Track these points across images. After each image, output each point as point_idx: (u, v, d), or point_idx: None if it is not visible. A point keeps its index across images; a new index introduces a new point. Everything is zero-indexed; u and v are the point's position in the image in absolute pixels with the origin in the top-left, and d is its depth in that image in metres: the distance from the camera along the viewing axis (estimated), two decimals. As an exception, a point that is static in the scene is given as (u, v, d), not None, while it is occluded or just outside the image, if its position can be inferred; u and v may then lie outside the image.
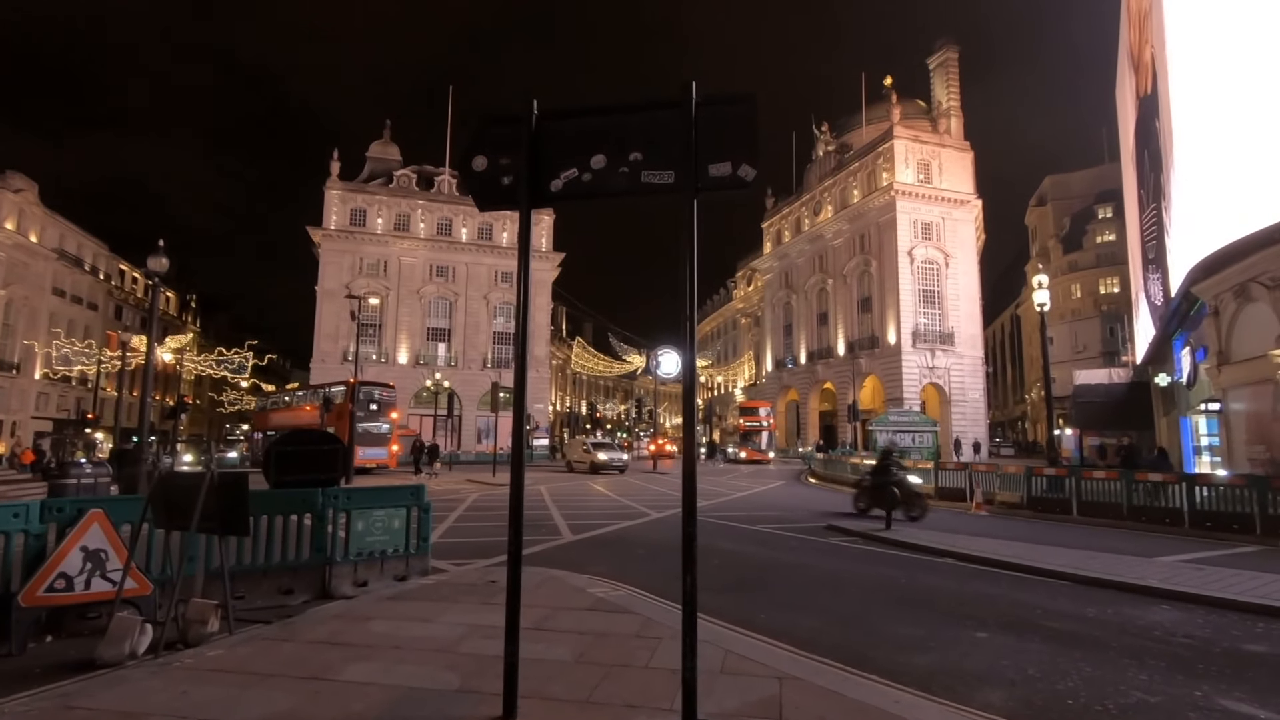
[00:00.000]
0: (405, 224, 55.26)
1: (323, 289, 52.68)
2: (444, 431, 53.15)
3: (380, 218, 54.54)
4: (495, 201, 4.07)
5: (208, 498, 5.03)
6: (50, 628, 5.45)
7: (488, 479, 25.63)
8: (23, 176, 48.69)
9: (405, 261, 54.79)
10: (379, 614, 5.79)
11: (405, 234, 54.95)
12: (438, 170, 57.74)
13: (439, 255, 55.87)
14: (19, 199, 48.21)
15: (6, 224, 47.01)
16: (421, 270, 55.30)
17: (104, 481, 16.64)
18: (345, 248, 53.34)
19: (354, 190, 54.52)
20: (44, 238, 51.10)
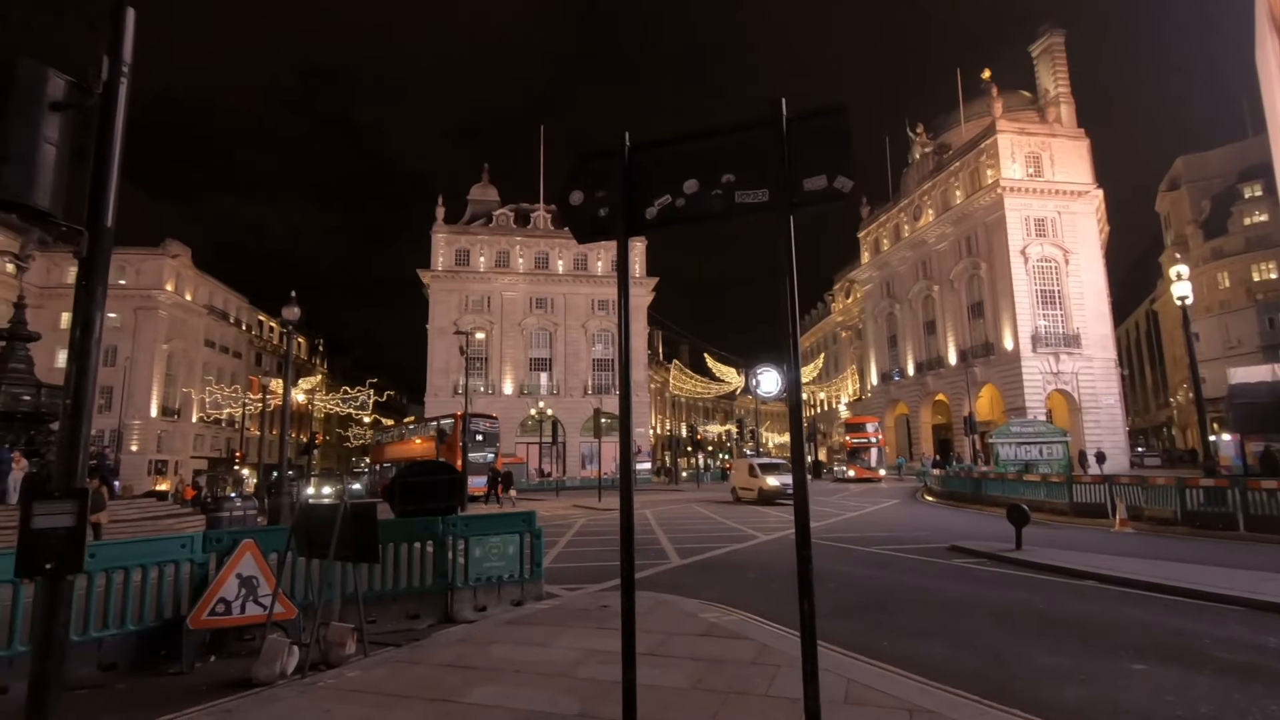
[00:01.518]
0: (505, 260, 57.81)
1: (433, 327, 55.81)
2: (549, 458, 54.67)
3: (482, 256, 57.36)
4: (593, 234, 4.19)
5: (343, 528, 5.41)
6: (213, 648, 6.00)
7: (594, 504, 26.01)
8: (179, 243, 55.03)
9: (507, 296, 57.19)
10: (499, 638, 5.97)
11: (506, 270, 57.46)
12: (533, 207, 60.16)
13: (538, 288, 57.95)
14: (176, 263, 54.46)
15: (167, 286, 53.17)
16: (522, 303, 57.52)
17: (251, 514, 18.23)
18: (452, 287, 56.39)
19: (458, 232, 57.73)
20: (197, 295, 57.36)
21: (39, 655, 3.07)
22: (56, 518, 3.01)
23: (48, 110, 3.15)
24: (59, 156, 3.19)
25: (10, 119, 3.02)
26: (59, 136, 3.19)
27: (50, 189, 3.14)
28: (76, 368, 3.24)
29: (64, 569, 3.04)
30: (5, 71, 3.05)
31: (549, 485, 47.82)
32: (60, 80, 3.21)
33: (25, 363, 20.08)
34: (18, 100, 3.05)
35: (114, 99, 3.41)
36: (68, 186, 3.24)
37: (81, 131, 3.34)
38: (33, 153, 3.08)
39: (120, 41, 3.47)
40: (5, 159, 2.99)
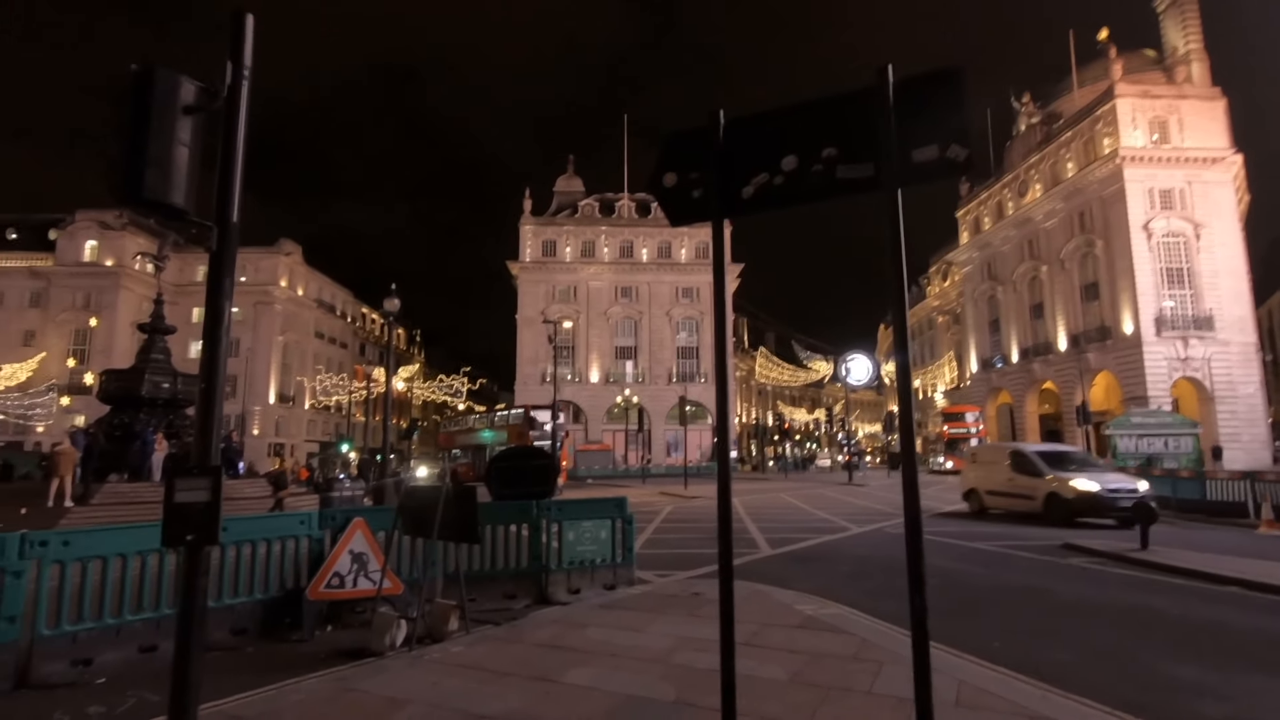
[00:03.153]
0: (591, 250, 58.58)
1: (522, 317, 57.38)
2: (635, 445, 55.24)
3: (569, 246, 58.36)
4: (688, 216, 4.10)
5: (445, 509, 5.62)
6: (329, 618, 6.39)
7: (680, 491, 26.05)
8: (291, 242, 59.06)
9: (593, 285, 58.00)
10: (593, 621, 6.05)
11: (591, 260, 58.24)
12: (617, 196, 60.58)
13: (622, 277, 58.42)
14: (289, 260, 58.50)
15: (282, 282, 57.22)
16: (607, 293, 58.17)
17: (359, 494, 19.39)
18: (539, 277, 57.73)
19: (544, 223, 58.96)
20: (307, 290, 61.43)
21: (183, 618, 3.33)
22: (195, 493, 3.25)
23: (181, 115, 3.38)
24: (191, 158, 3.41)
25: (151, 125, 3.25)
26: (190, 139, 3.42)
27: (185, 189, 3.37)
28: (209, 355, 3.47)
29: (202, 540, 3.29)
30: (145, 80, 3.28)
31: (634, 472, 48.31)
32: (191, 86, 3.43)
33: (164, 354, 22.11)
34: (157, 107, 3.28)
35: (237, 101, 3.61)
36: (198, 186, 3.47)
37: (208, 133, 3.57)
38: (169, 156, 3.31)
39: (241, 46, 3.66)
40: (147, 163, 3.23)
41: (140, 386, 20.41)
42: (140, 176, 3.23)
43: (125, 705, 4.46)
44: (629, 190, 60.41)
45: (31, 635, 4.86)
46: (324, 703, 4.24)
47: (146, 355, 21.43)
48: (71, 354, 50.68)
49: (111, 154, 3.30)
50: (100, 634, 5.14)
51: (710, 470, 48.38)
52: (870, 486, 29.37)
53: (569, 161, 64.19)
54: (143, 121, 3.27)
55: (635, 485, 32.48)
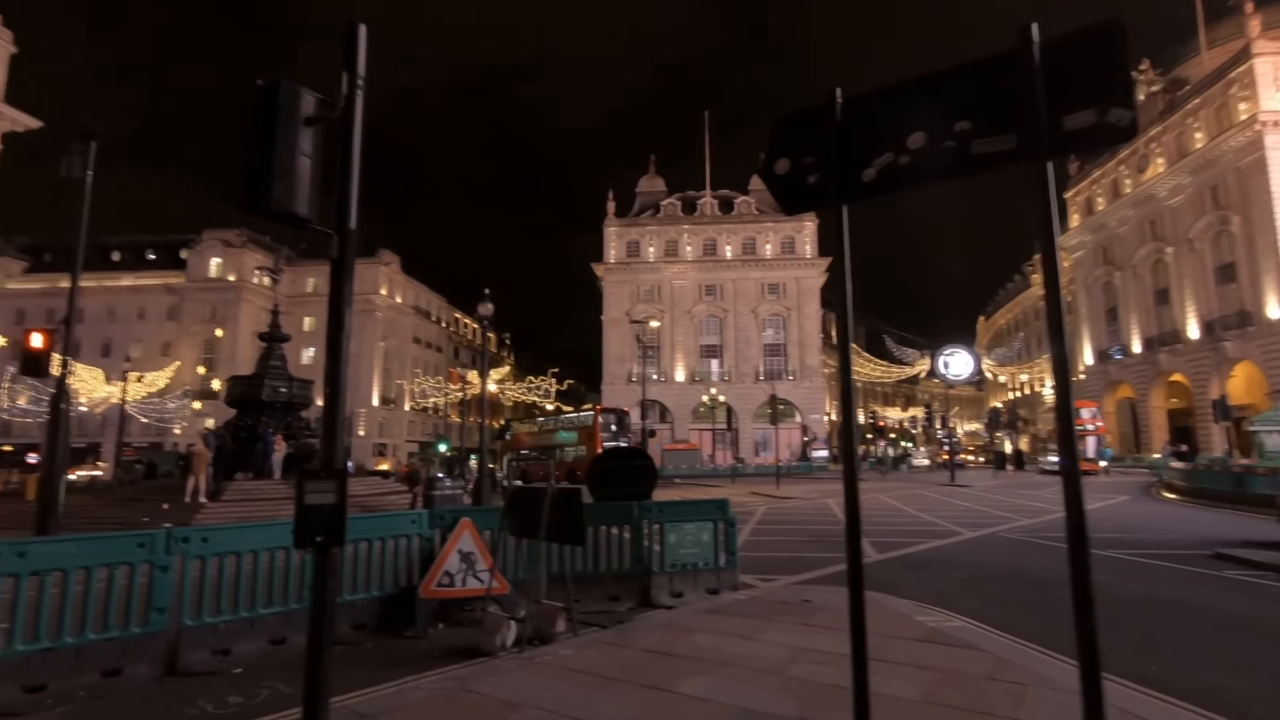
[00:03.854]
0: (674, 249, 58.49)
1: (607, 318, 58.01)
2: (722, 445, 54.68)
3: (652, 246, 58.51)
4: (803, 203, 3.85)
5: (551, 511, 5.60)
6: (441, 616, 6.54)
7: (772, 491, 25.48)
8: (389, 252, 62.20)
9: (676, 285, 57.89)
10: (701, 627, 5.88)
11: (675, 259, 58.15)
12: (699, 194, 60.20)
13: (706, 275, 58.00)
14: (388, 270, 61.64)
15: (382, 290, 60.38)
16: (692, 291, 57.91)
17: (459, 493, 20.06)
18: (624, 278, 58.18)
19: (628, 224, 59.37)
20: (405, 298, 64.54)
21: (315, 615, 3.42)
22: (323, 495, 3.32)
23: (302, 126, 3.47)
24: (313, 168, 3.50)
25: (277, 137, 3.35)
26: (312, 149, 3.50)
27: (308, 198, 3.46)
28: (332, 361, 3.55)
29: (330, 542, 3.36)
30: (270, 94, 3.39)
31: (722, 471, 47.80)
32: (311, 97, 3.52)
33: (281, 360, 23.69)
34: (282, 119, 3.38)
35: (352, 111, 3.68)
36: (319, 195, 3.55)
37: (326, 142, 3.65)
38: (293, 166, 3.40)
39: (354, 57, 3.73)
40: (273, 174, 3.32)
41: (261, 391, 21.94)
42: (268, 187, 3.33)
43: (260, 696, 4.67)
44: (711, 188, 59.93)
45: (178, 625, 5.20)
46: (442, 702, 4.28)
47: (265, 362, 23.02)
48: (202, 362, 55.40)
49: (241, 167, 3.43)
50: (236, 626, 5.44)
51: (801, 470, 47.20)
52: (975, 488, 27.74)
53: (651, 162, 64.41)
54: (269, 134, 3.38)
55: (725, 485, 32.06)
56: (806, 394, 55.90)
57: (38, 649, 4.56)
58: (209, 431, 22.98)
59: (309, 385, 24.77)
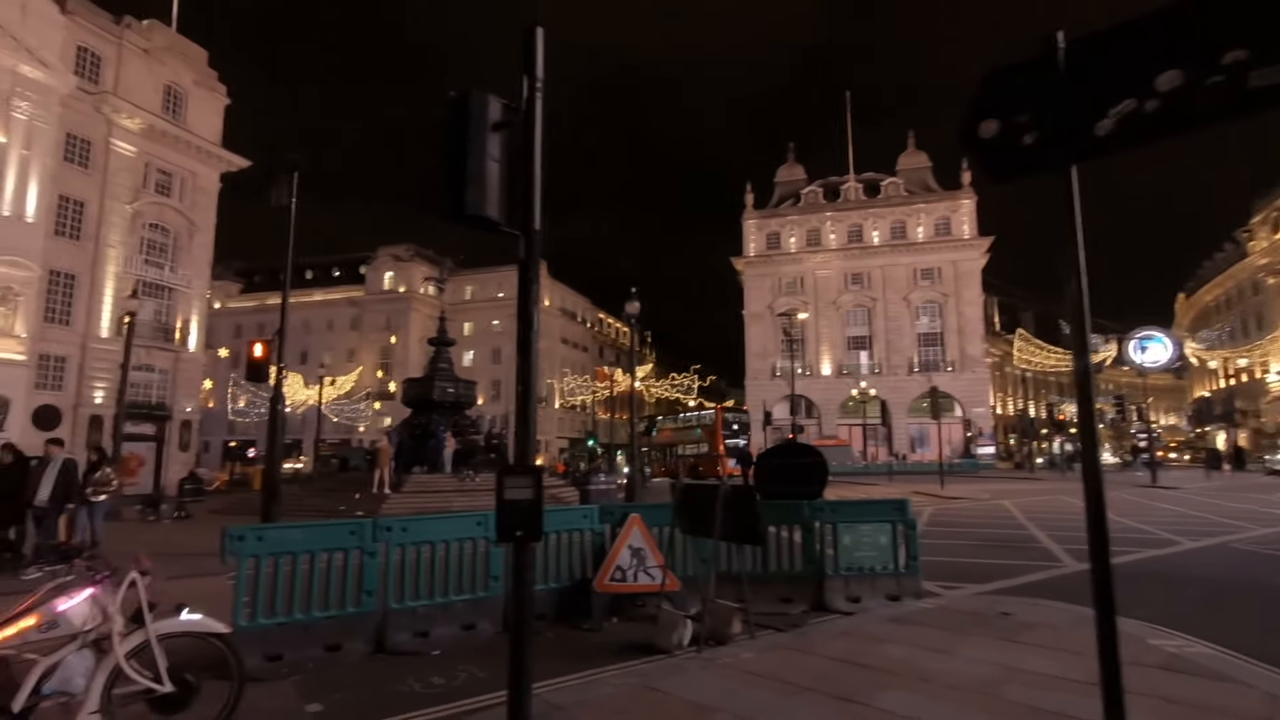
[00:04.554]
0: (817, 239, 56.47)
1: (748, 312, 57.17)
2: (873, 441, 52.01)
3: (793, 237, 56.87)
4: (1018, 167, 3.40)
5: (725, 509, 5.47)
6: (614, 610, 6.62)
7: (936, 491, 23.75)
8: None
9: (820, 275, 55.84)
10: (888, 636, 5.48)
11: (817, 248, 56.12)
12: (842, 179, 57.67)
13: (851, 263, 55.44)
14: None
15: (531, 294, 63.75)
16: (836, 281, 55.61)
17: (613, 488, 20.55)
18: (764, 271, 57.05)
19: (767, 216, 58.14)
20: (552, 300, 67.61)
21: (516, 607, 3.53)
22: (521, 491, 3.40)
23: (490, 132, 3.57)
24: (502, 172, 3.59)
25: (469, 145, 3.47)
26: (500, 154, 3.59)
27: (497, 202, 3.56)
28: (523, 359, 3.63)
29: (529, 537, 3.43)
30: (461, 104, 3.52)
31: (875, 468, 45.43)
32: (498, 104, 3.61)
33: (448, 362, 25.58)
34: (473, 127, 3.50)
35: (533, 114, 3.74)
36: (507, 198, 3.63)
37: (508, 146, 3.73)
38: (483, 172, 3.51)
39: (533, 60, 3.79)
40: (467, 180, 3.45)
41: (432, 392, 23.82)
42: (462, 193, 3.46)
43: (459, 680, 4.94)
44: (854, 171, 57.16)
45: (384, 608, 5.65)
46: (630, 699, 4.27)
47: (434, 365, 24.97)
48: (379, 366, 61.44)
49: (436, 177, 3.60)
50: (433, 611, 5.81)
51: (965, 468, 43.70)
52: (1184, 490, 24.16)
53: (789, 150, 62.60)
54: (461, 142, 3.50)
55: (880, 483, 30.40)
56: (968, 386, 51.73)
57: (275, 623, 5.12)
58: (390, 429, 25.27)
59: (472, 385, 26.56)
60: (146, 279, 29.45)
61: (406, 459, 21.65)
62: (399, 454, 21.19)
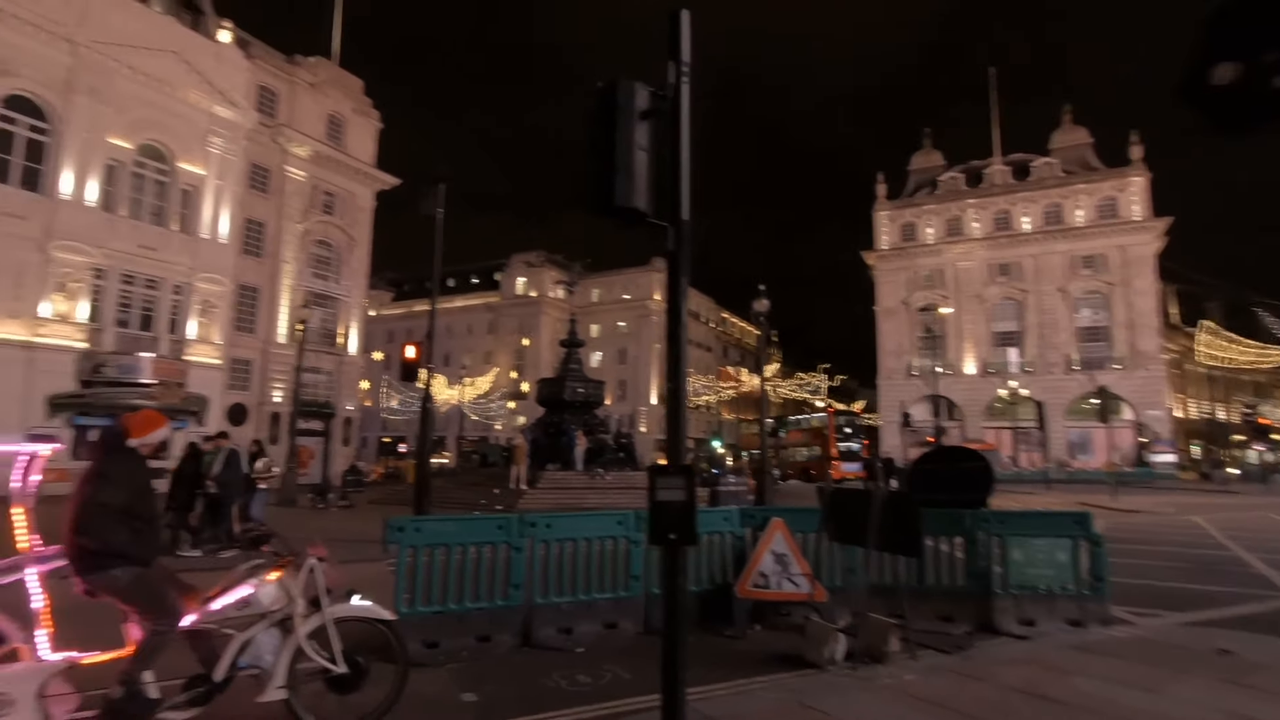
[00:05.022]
0: (957, 228, 52.67)
1: (881, 308, 54.37)
2: (1025, 445, 47.66)
3: (930, 228, 53.43)
4: (1268, 115, 2.83)
5: (882, 517, 5.06)
6: (756, 617, 6.37)
7: (1107, 503, 21.25)
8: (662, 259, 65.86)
9: (961, 267, 52.03)
10: (1075, 668, 4.83)
11: (958, 238, 52.33)
12: (985, 162, 53.40)
13: (998, 253, 51.16)
14: (661, 276, 65.35)
15: (655, 296, 64.25)
16: (980, 273, 51.56)
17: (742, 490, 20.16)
18: (898, 265, 54.02)
19: (901, 207, 55.03)
20: (676, 301, 68.00)
21: (669, 611, 3.41)
22: (673, 492, 3.27)
23: (638, 121, 3.47)
24: (649, 162, 3.48)
25: (617, 135, 3.39)
26: (648, 143, 3.49)
27: (645, 192, 3.45)
28: (673, 353, 3.50)
29: (682, 541, 3.29)
30: (609, 94, 3.45)
31: (1029, 475, 41.59)
32: (645, 91, 3.51)
33: (578, 363, 26.29)
34: (621, 117, 3.42)
35: (679, 100, 3.60)
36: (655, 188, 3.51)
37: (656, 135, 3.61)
38: (631, 162, 3.42)
39: (678, 44, 3.65)
40: (615, 170, 3.37)
41: (563, 391, 24.58)
42: (610, 185, 3.38)
43: (604, 679, 4.91)
44: (1001, 153, 52.72)
45: (530, 602, 5.75)
46: (785, 716, 4.02)
47: (565, 365, 25.74)
48: (514, 367, 64.55)
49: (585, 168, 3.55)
50: (576, 608, 5.85)
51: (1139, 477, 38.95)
52: None
53: (925, 135, 58.89)
54: (608, 133, 3.43)
55: (1037, 492, 27.69)
56: (1140, 385, 46.09)
57: (432, 611, 5.35)
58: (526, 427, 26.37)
59: (601, 385, 27.13)
60: (314, 290, 32.73)
61: (540, 456, 22.45)
62: (533, 451, 22.00)
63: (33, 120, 23.21)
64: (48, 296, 22.99)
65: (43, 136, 23.42)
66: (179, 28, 27.72)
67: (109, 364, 24.07)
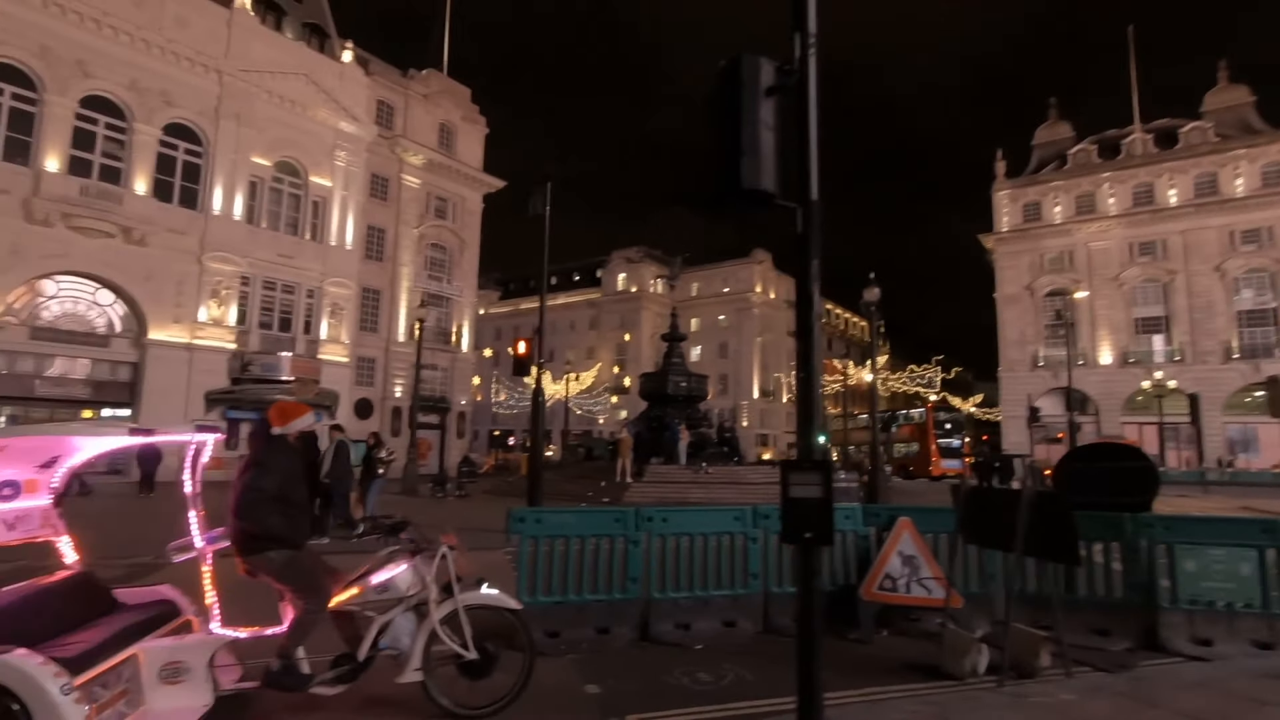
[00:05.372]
0: (1089, 204, 48.24)
1: (1002, 295, 50.74)
2: (1173, 443, 43.06)
3: (1058, 205, 49.25)
4: None
5: (1032, 519, 4.62)
6: (882, 622, 6.03)
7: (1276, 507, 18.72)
8: (762, 250, 64.72)
9: (1095, 247, 47.61)
10: (1272, 697, 4.21)
11: (1091, 215, 47.91)
12: (1123, 131, 48.54)
13: (1138, 230, 46.40)
14: (762, 268, 64.24)
15: (756, 288, 63.20)
16: (1117, 252, 46.97)
17: (854, 486, 19.41)
18: (1021, 247, 50.18)
19: (1023, 185, 51.07)
20: (779, 293, 66.44)
21: (802, 613, 3.25)
22: (808, 489, 3.09)
23: (763, 97, 3.30)
24: (777, 140, 3.30)
25: (742, 114, 3.24)
26: (773, 120, 3.31)
27: (773, 173, 3.28)
28: (804, 342, 3.31)
29: (818, 540, 3.11)
30: (733, 71, 3.30)
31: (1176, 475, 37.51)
32: (770, 66, 3.33)
33: (680, 357, 26.25)
34: (745, 94, 3.26)
35: (806, 74, 3.40)
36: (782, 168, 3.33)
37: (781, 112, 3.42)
38: (757, 141, 3.25)
39: (804, 15, 3.45)
40: (742, 151, 3.21)
41: (666, 386, 24.63)
42: (737, 167, 3.23)
43: (726, 679, 4.77)
44: (1141, 120, 47.76)
45: (647, 596, 5.71)
46: (926, 731, 3.74)
47: (668, 360, 25.77)
48: (615, 362, 65.50)
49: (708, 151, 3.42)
50: (693, 604, 5.75)
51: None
52: None
53: (1050, 106, 54.27)
54: (734, 112, 3.28)
55: (1193, 495, 24.87)
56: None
57: (552, 601, 5.42)
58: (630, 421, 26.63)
59: (704, 379, 26.95)
60: (430, 291, 34.50)
61: (643, 450, 22.60)
62: (636, 445, 22.17)
63: (188, 144, 25.83)
64: (204, 302, 25.57)
65: (197, 159, 26.02)
66: (308, 51, 29.98)
67: (255, 362, 26.49)
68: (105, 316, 24.17)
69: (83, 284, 23.51)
